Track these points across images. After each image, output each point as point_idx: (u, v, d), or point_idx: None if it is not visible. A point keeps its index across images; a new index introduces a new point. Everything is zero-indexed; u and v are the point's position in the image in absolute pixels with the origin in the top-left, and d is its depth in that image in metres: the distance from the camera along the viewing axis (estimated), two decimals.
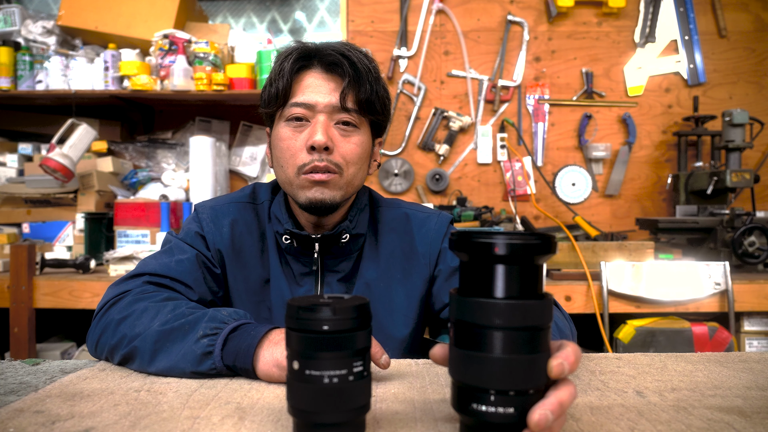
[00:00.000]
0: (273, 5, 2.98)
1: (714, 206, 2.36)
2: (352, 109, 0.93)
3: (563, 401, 0.49)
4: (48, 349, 2.18)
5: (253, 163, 2.73)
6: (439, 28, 2.71)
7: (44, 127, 2.67)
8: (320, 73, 0.94)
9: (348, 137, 0.94)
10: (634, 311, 1.95)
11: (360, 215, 1.03)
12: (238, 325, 0.75)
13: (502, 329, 0.48)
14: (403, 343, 1.03)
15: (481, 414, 0.49)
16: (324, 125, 0.92)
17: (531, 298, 0.49)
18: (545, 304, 0.49)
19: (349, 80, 0.92)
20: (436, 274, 1.04)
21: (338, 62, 0.92)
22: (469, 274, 0.51)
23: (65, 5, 2.47)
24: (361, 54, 0.95)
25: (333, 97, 0.92)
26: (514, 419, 0.48)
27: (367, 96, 0.94)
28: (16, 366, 0.81)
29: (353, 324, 0.51)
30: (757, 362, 0.82)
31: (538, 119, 2.71)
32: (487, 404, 0.49)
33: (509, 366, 0.48)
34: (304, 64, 0.94)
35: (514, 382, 0.48)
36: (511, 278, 0.49)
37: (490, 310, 0.48)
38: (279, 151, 0.96)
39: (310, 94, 0.93)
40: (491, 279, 0.49)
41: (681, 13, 2.67)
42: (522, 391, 0.48)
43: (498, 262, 0.49)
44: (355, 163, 0.95)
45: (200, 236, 1.01)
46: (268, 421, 0.58)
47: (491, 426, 0.49)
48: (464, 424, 0.52)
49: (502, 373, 0.48)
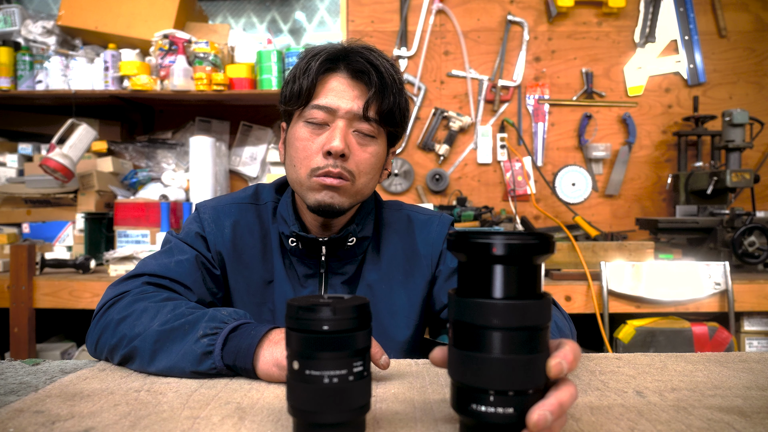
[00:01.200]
0: (273, 5, 2.98)
1: (714, 206, 2.36)
2: (373, 119, 0.92)
3: (563, 401, 0.49)
4: (48, 349, 2.18)
5: (253, 163, 2.73)
6: (439, 28, 2.71)
7: (44, 127, 2.67)
8: (346, 78, 0.93)
9: (365, 146, 0.94)
10: (634, 311, 1.95)
11: (367, 218, 1.03)
12: (238, 325, 0.75)
13: (500, 329, 0.48)
14: (405, 346, 1.03)
15: (480, 414, 0.49)
16: (343, 131, 0.91)
17: (529, 298, 0.49)
18: (544, 304, 0.49)
19: (375, 90, 0.91)
20: (437, 275, 1.04)
21: (365, 70, 0.91)
22: (468, 275, 0.51)
23: (65, 5, 2.47)
24: (388, 63, 0.94)
25: (355, 104, 0.91)
26: (513, 419, 0.48)
27: (389, 107, 0.93)
28: (16, 366, 0.81)
29: (353, 324, 0.51)
30: (757, 362, 0.82)
31: (538, 119, 2.71)
32: (487, 404, 0.49)
33: (508, 366, 0.48)
34: (330, 67, 0.93)
35: (513, 382, 0.48)
36: (510, 278, 0.49)
37: (488, 310, 0.48)
38: (294, 150, 0.94)
39: (333, 97, 0.92)
40: (489, 279, 0.49)
41: (681, 13, 2.67)
42: (521, 392, 0.48)
43: (496, 263, 0.49)
44: (368, 173, 0.95)
45: (201, 237, 1.01)
46: (268, 421, 0.58)
47: (491, 426, 0.49)
48: (464, 424, 0.52)
49: (501, 374, 0.48)
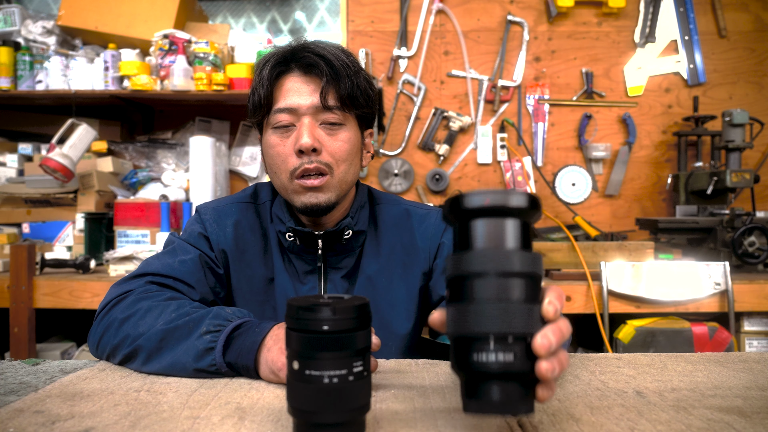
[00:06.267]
0: (273, 5, 2.98)
1: (714, 206, 2.36)
2: (335, 107, 0.94)
3: (562, 328, 0.50)
4: (48, 349, 2.18)
5: (253, 163, 2.73)
6: (439, 28, 2.71)
7: (44, 127, 2.67)
8: (299, 76, 0.94)
9: (335, 135, 0.95)
10: (634, 311, 1.95)
11: (360, 211, 1.03)
12: (241, 323, 0.76)
13: (494, 276, 0.49)
14: (405, 339, 1.04)
15: (481, 364, 0.48)
16: (309, 127, 0.92)
17: (523, 248, 0.50)
18: (537, 255, 0.50)
19: (327, 79, 0.92)
20: (434, 267, 1.05)
21: (314, 63, 0.92)
22: (461, 234, 0.52)
23: (65, 5, 2.47)
24: (337, 50, 0.96)
25: (314, 98, 0.93)
26: (514, 368, 0.48)
27: (348, 91, 0.94)
28: (16, 366, 0.81)
29: (353, 324, 0.51)
30: (757, 362, 0.82)
31: (538, 119, 2.71)
32: (488, 351, 0.48)
33: (506, 309, 0.48)
34: (282, 70, 0.95)
35: (512, 325, 0.48)
36: (502, 229, 0.50)
37: (484, 257, 0.49)
38: (270, 158, 0.97)
39: (291, 98, 0.93)
40: (483, 231, 0.50)
41: (681, 13, 2.67)
42: (520, 336, 0.48)
43: (486, 215, 0.50)
44: (345, 160, 0.95)
45: (204, 237, 1.01)
46: (268, 421, 0.58)
47: (493, 375, 0.48)
48: (465, 382, 0.51)
49: (500, 316, 0.48)
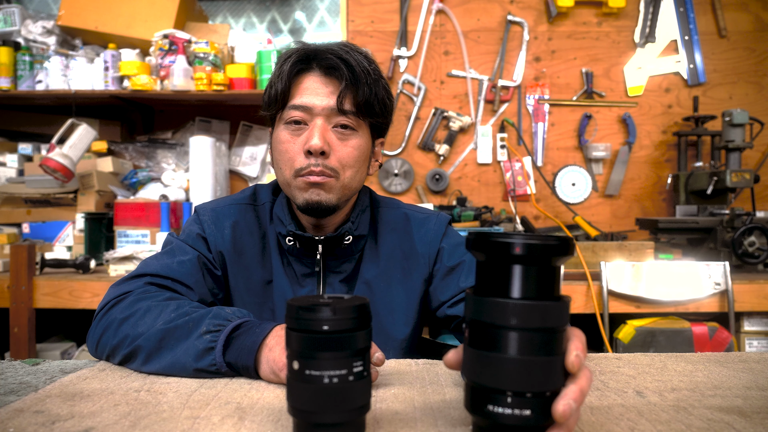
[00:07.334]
0: (273, 5, 2.98)
1: (714, 206, 2.36)
2: (350, 112, 0.93)
3: (583, 388, 0.49)
4: (48, 349, 2.18)
5: (253, 163, 2.73)
6: (439, 28, 2.71)
7: (44, 127, 2.67)
8: (318, 76, 0.93)
9: (346, 141, 0.94)
10: (634, 311, 1.95)
11: (362, 216, 1.03)
12: (241, 323, 0.76)
13: (519, 330, 0.48)
14: (403, 344, 1.03)
15: (497, 416, 0.48)
16: (321, 129, 0.91)
17: (548, 299, 0.49)
18: (563, 306, 0.49)
19: (346, 83, 0.91)
20: (434, 273, 1.04)
21: (336, 65, 0.92)
22: (486, 274, 0.50)
23: (65, 5, 2.47)
24: (360, 55, 0.95)
25: (330, 100, 0.92)
26: (530, 422, 0.48)
27: (365, 98, 0.93)
28: (16, 366, 0.81)
29: (353, 324, 0.51)
30: (757, 362, 0.82)
31: (538, 119, 2.71)
32: (504, 406, 0.48)
33: (527, 367, 0.47)
34: (302, 67, 0.94)
35: (532, 383, 0.48)
36: (529, 279, 0.49)
37: (507, 310, 0.48)
38: (278, 153, 0.96)
39: (307, 96, 0.93)
40: (509, 279, 0.49)
41: (681, 13, 2.67)
42: (539, 394, 0.48)
43: (516, 263, 0.49)
44: (351, 166, 0.95)
45: (202, 238, 1.01)
46: (268, 421, 0.58)
47: (507, 428, 0.49)
48: (478, 425, 0.52)
49: (519, 375, 0.47)
